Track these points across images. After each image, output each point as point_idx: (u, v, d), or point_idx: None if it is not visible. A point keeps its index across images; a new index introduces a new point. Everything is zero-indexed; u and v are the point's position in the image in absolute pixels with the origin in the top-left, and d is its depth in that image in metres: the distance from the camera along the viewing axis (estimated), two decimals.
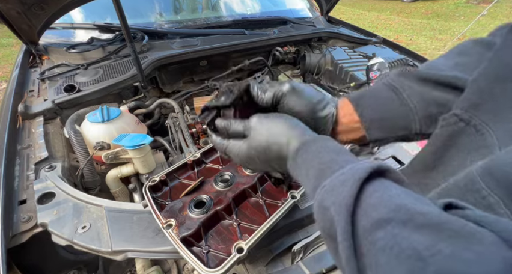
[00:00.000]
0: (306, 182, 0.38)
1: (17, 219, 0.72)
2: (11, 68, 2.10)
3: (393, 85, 0.46)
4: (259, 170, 0.49)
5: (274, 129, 0.44)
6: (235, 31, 1.70)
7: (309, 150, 0.39)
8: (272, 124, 0.45)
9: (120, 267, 1.03)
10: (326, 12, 2.11)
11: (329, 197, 0.31)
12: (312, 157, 0.38)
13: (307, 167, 0.38)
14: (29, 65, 1.42)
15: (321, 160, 0.37)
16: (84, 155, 0.91)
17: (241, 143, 0.47)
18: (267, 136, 0.44)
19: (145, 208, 0.71)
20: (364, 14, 8.17)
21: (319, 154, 0.38)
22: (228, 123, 0.48)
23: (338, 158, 0.36)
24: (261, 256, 0.71)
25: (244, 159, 0.47)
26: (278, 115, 0.47)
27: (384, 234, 0.24)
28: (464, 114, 0.35)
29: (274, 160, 0.45)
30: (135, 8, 1.69)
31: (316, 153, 0.38)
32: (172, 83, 1.59)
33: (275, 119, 0.45)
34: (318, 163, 0.37)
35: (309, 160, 0.38)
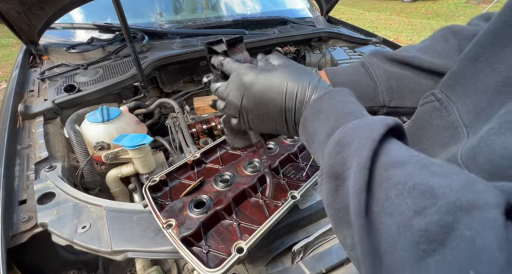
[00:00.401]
0: (324, 125, 0.36)
1: (17, 219, 0.72)
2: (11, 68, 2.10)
3: (363, 62, 0.54)
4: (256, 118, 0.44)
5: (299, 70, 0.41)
6: (235, 31, 1.70)
7: (336, 98, 0.38)
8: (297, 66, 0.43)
9: (120, 267, 1.03)
10: (326, 12, 2.10)
11: (354, 133, 0.31)
12: (338, 103, 0.37)
13: (329, 110, 0.37)
14: (29, 65, 1.42)
15: (348, 107, 0.36)
16: (84, 155, 0.91)
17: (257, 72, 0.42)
18: (289, 73, 0.41)
19: (145, 208, 0.71)
20: (364, 14, 8.17)
21: (345, 102, 0.37)
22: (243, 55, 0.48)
23: (363, 111, 0.36)
24: (261, 256, 0.71)
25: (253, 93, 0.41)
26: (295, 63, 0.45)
27: (400, 171, 0.25)
28: (440, 94, 0.37)
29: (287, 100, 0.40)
30: (135, 8, 1.69)
31: (342, 102, 0.37)
32: (172, 83, 1.59)
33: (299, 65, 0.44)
34: (342, 108, 0.36)
35: (334, 104, 0.37)
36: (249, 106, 0.43)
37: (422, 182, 0.23)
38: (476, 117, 0.31)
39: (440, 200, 0.21)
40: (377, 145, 0.28)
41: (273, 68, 0.42)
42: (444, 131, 0.34)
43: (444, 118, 0.35)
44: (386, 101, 0.50)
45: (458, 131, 0.32)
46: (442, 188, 0.21)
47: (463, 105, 0.33)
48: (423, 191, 0.22)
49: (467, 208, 0.19)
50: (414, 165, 0.25)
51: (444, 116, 0.35)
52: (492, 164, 0.26)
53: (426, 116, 0.38)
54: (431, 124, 0.37)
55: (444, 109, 0.35)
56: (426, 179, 0.23)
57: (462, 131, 0.32)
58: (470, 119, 0.32)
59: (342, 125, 0.33)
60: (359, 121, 0.32)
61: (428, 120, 0.37)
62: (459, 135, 0.32)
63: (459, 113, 0.33)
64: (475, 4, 7.76)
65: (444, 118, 0.35)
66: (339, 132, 0.33)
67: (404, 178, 0.24)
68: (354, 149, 0.29)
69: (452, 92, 0.36)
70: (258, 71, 0.42)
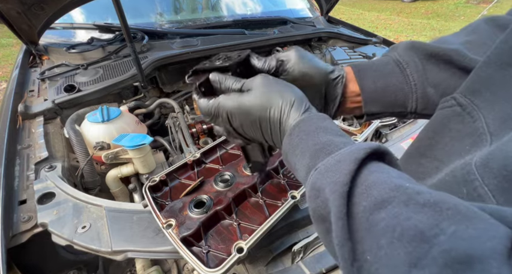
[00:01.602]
0: (300, 162, 0.36)
1: (17, 219, 0.72)
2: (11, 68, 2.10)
3: (399, 60, 0.45)
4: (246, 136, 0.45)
5: (281, 94, 0.40)
6: (235, 31, 1.70)
7: (306, 129, 0.37)
8: (279, 87, 0.40)
9: (120, 267, 1.03)
10: (326, 12, 2.10)
11: (323, 177, 0.30)
12: (308, 137, 0.36)
13: (302, 146, 0.36)
14: (29, 65, 1.42)
15: (318, 140, 0.35)
16: (84, 155, 0.91)
17: (237, 96, 0.41)
18: (271, 98, 0.39)
19: (145, 208, 0.71)
20: (364, 14, 8.17)
21: (316, 133, 0.36)
22: (225, 77, 0.43)
23: (335, 140, 0.34)
24: (261, 256, 0.71)
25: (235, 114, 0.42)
26: (286, 83, 0.42)
27: (385, 214, 0.23)
28: (463, 99, 0.34)
29: (269, 127, 0.41)
30: (135, 8, 1.69)
31: (313, 132, 0.36)
32: (172, 83, 1.59)
33: (283, 85, 0.41)
34: (313, 143, 0.35)
35: (304, 139, 0.36)
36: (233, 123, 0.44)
37: (411, 226, 0.21)
38: (503, 124, 0.29)
39: (433, 247, 0.20)
40: (349, 186, 0.27)
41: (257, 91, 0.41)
42: (467, 138, 0.32)
43: (468, 124, 0.32)
44: (419, 109, 0.45)
45: (482, 138, 0.30)
46: (433, 230, 0.20)
47: (491, 112, 0.31)
48: (414, 237, 0.21)
49: (465, 260, 0.18)
50: (398, 201, 0.23)
51: (468, 122, 0.32)
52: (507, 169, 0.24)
53: (445, 121, 0.35)
54: (449, 130, 0.34)
55: (467, 115, 0.33)
56: (414, 220, 0.21)
57: (486, 138, 0.30)
58: (496, 126, 0.30)
59: (314, 165, 0.32)
60: (328, 160, 0.31)
61: (447, 125, 0.35)
62: (482, 143, 0.30)
63: (485, 120, 0.31)
64: (475, 4, 7.76)
65: (467, 124, 0.32)
66: (311, 175, 0.32)
67: (392, 223, 0.22)
68: (328, 195, 0.28)
69: (477, 98, 0.33)
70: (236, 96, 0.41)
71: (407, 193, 0.23)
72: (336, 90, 0.47)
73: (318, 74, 0.46)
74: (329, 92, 0.47)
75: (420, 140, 0.39)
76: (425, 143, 0.37)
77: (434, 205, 0.22)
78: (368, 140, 0.97)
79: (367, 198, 0.25)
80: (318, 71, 0.46)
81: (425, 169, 0.36)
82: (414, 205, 0.22)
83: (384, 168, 0.28)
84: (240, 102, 0.41)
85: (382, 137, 1.11)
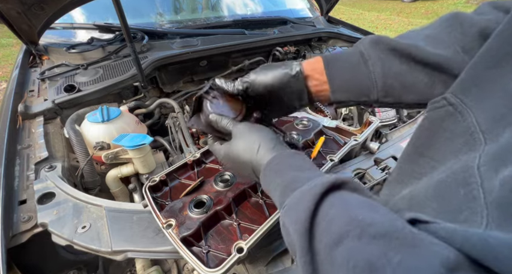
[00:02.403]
0: (275, 199, 0.41)
1: (17, 219, 0.72)
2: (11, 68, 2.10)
3: (363, 53, 0.49)
4: None
5: (251, 144, 0.47)
6: (235, 31, 1.70)
7: (274, 168, 0.42)
8: (251, 137, 0.48)
9: (120, 267, 1.03)
10: (325, 12, 2.10)
11: (287, 216, 0.33)
12: (276, 175, 0.41)
13: (274, 185, 0.41)
14: (29, 65, 1.42)
15: (284, 177, 0.39)
16: (84, 155, 0.91)
17: (223, 147, 0.52)
18: (244, 149, 0.48)
19: (145, 208, 0.71)
20: (364, 14, 8.17)
21: (283, 171, 0.41)
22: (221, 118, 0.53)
23: (300, 176, 0.38)
24: (261, 256, 0.71)
25: (224, 160, 0.53)
26: (259, 128, 0.50)
27: (342, 249, 0.25)
28: (454, 98, 0.34)
29: (250, 171, 0.49)
30: (135, 8, 1.69)
31: (280, 171, 0.41)
32: (172, 83, 1.59)
33: (255, 133, 0.49)
34: (281, 180, 0.39)
35: (273, 177, 0.42)
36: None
37: (363, 258, 0.23)
38: (495, 123, 0.29)
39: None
40: (309, 226, 0.29)
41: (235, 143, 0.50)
42: (459, 138, 0.32)
43: (459, 124, 0.33)
44: (381, 97, 0.49)
45: (475, 137, 0.30)
46: (381, 260, 0.22)
47: (480, 110, 0.31)
48: (365, 269, 0.23)
49: None
50: (352, 236, 0.25)
51: (459, 121, 0.33)
52: None
53: (438, 122, 0.36)
54: (444, 130, 0.35)
55: (458, 114, 0.33)
56: (365, 252, 0.23)
57: (478, 137, 0.30)
58: (488, 125, 0.30)
59: (283, 203, 0.36)
60: (291, 198, 0.34)
61: (441, 126, 0.35)
62: (475, 142, 0.30)
63: (476, 119, 0.31)
64: (475, 4, 7.75)
65: (459, 124, 0.33)
66: (281, 214, 0.36)
67: (347, 257, 0.25)
68: (292, 234, 0.31)
69: (467, 96, 0.33)
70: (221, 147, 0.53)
71: (360, 226, 0.26)
72: (299, 84, 0.52)
73: (279, 80, 0.52)
74: (297, 88, 0.52)
75: (418, 139, 0.39)
76: (422, 143, 0.38)
77: (384, 236, 0.24)
78: (368, 140, 0.97)
79: (327, 235, 0.28)
80: (278, 79, 0.52)
81: (422, 169, 0.36)
82: (366, 238, 0.24)
83: (344, 199, 0.31)
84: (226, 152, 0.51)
85: (382, 137, 1.11)
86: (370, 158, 0.93)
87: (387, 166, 0.91)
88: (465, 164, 0.28)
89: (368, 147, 0.96)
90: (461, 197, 0.27)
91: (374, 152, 0.95)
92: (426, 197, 0.31)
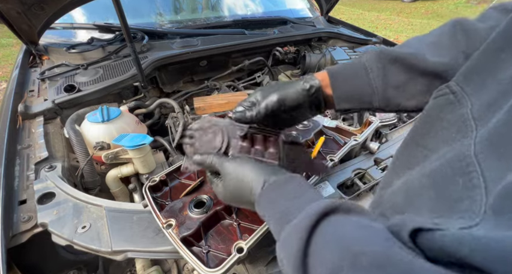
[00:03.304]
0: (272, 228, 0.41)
1: (17, 219, 0.72)
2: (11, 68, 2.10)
3: (365, 65, 0.50)
4: None
5: (242, 183, 0.47)
6: (235, 31, 1.70)
7: (267, 199, 0.42)
8: (240, 174, 0.48)
9: (120, 267, 1.03)
10: (325, 12, 2.11)
11: (281, 250, 0.34)
12: (269, 206, 0.41)
13: (267, 217, 0.41)
14: (29, 65, 1.42)
15: (276, 209, 0.39)
16: (84, 155, 0.91)
17: (218, 182, 0.52)
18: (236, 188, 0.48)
19: (145, 208, 0.71)
20: (364, 14, 8.17)
21: (275, 202, 0.41)
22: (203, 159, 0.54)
23: (292, 206, 0.38)
24: (261, 256, 0.71)
25: (221, 197, 0.53)
26: (246, 161, 0.50)
27: None
28: (455, 87, 0.35)
29: (246, 204, 0.48)
30: (135, 8, 1.69)
31: (272, 202, 0.41)
32: (172, 83, 1.59)
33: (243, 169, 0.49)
34: (273, 212, 0.39)
35: (267, 208, 0.41)
36: None
37: None
38: (487, 109, 0.30)
39: None
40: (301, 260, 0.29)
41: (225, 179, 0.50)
42: (454, 126, 0.32)
43: (456, 112, 0.33)
44: (382, 106, 0.51)
45: (467, 124, 0.31)
46: None
47: (478, 98, 0.32)
48: None
49: None
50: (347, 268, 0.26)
51: (457, 109, 0.33)
52: None
53: (437, 111, 0.36)
54: (441, 119, 0.35)
55: (457, 102, 0.33)
56: None
57: (470, 124, 0.30)
58: (480, 112, 0.30)
59: (279, 236, 0.36)
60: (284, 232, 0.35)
61: (439, 115, 0.35)
62: (467, 128, 0.30)
63: (471, 106, 0.32)
64: (475, 4, 7.75)
65: (455, 112, 0.33)
66: (276, 247, 0.36)
67: None
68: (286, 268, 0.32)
69: (468, 85, 0.34)
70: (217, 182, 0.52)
71: (354, 258, 0.26)
72: (318, 98, 0.53)
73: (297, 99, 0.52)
74: (312, 104, 0.54)
75: (415, 130, 0.40)
76: (419, 133, 0.39)
77: (377, 267, 0.24)
78: (368, 140, 0.97)
79: (321, 269, 0.28)
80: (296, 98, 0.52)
81: (414, 159, 0.37)
82: (360, 269, 0.25)
83: (337, 226, 0.31)
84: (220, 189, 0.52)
85: (382, 137, 1.11)
86: (370, 158, 0.93)
87: (387, 166, 0.91)
88: (460, 153, 0.29)
89: (368, 147, 0.96)
90: (459, 187, 0.27)
91: (374, 152, 0.95)
92: (421, 186, 0.31)
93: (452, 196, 0.27)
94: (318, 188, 0.80)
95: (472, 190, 0.25)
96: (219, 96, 1.37)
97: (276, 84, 0.55)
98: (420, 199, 0.31)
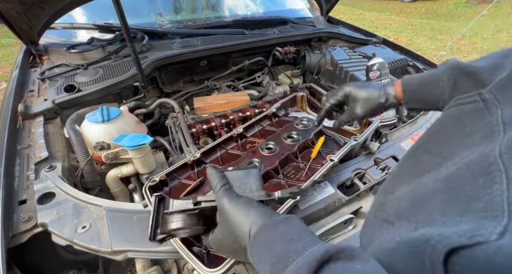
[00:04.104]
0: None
1: (17, 219, 0.72)
2: (11, 68, 2.10)
3: (439, 75, 0.55)
4: None
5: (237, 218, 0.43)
6: (235, 31, 1.70)
7: (262, 241, 0.39)
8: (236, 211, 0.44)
9: (120, 267, 1.03)
10: (325, 12, 2.11)
11: None
12: (265, 250, 0.38)
13: (263, 263, 0.37)
14: (29, 65, 1.42)
15: (273, 253, 0.36)
16: (84, 155, 0.91)
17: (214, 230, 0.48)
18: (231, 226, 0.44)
19: (145, 208, 0.71)
20: (364, 14, 8.17)
21: (271, 245, 0.37)
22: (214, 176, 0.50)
23: (289, 249, 0.35)
24: None
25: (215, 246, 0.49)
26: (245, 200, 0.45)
27: None
28: (488, 94, 0.34)
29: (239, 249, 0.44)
30: (135, 8, 1.69)
31: (268, 245, 0.38)
32: (172, 83, 1.59)
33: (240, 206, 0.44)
34: (270, 257, 0.36)
35: (262, 253, 0.38)
36: None
37: None
38: None
39: None
40: None
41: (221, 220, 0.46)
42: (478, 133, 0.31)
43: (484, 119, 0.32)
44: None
45: (494, 130, 0.30)
46: None
47: (509, 105, 0.31)
48: None
49: None
50: None
51: (485, 117, 0.32)
52: None
53: (462, 116, 0.35)
54: (464, 125, 0.34)
55: (486, 110, 0.32)
56: None
57: (498, 129, 0.29)
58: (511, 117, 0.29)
59: None
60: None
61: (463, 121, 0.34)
62: (493, 134, 0.29)
63: (502, 113, 0.31)
64: (475, 4, 7.75)
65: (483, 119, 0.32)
66: None
67: None
68: None
69: (501, 93, 0.33)
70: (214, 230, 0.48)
71: None
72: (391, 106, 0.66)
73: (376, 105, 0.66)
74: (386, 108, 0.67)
75: (426, 138, 0.39)
76: (431, 140, 0.38)
77: None
78: (368, 140, 0.97)
79: None
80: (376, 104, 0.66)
81: (424, 166, 0.36)
82: None
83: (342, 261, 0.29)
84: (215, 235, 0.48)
85: (382, 137, 1.11)
86: (370, 158, 0.93)
87: (387, 166, 0.91)
88: (483, 154, 0.27)
89: (368, 147, 0.96)
90: (478, 185, 0.25)
91: (374, 152, 0.95)
92: (434, 191, 0.30)
93: (468, 195, 0.25)
94: (318, 188, 0.80)
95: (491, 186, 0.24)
96: (219, 96, 1.37)
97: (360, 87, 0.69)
98: (431, 203, 0.29)
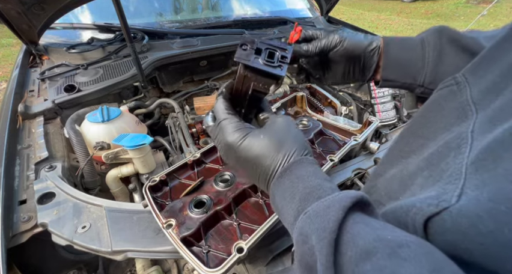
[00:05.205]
0: (289, 206, 0.37)
1: (17, 219, 0.72)
2: (11, 68, 2.10)
3: (423, 39, 0.52)
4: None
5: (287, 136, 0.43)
6: (235, 31, 1.70)
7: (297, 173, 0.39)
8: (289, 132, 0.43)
9: (120, 267, 1.03)
10: (325, 12, 2.10)
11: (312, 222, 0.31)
12: (299, 180, 0.38)
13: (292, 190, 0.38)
14: (29, 65, 1.42)
15: (308, 184, 0.37)
16: (84, 155, 0.91)
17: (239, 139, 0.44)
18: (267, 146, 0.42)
19: (145, 208, 0.71)
20: (364, 14, 8.17)
21: (307, 177, 0.38)
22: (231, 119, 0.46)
23: (324, 184, 0.36)
24: (261, 256, 0.71)
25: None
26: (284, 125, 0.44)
27: (371, 266, 0.24)
28: (461, 77, 0.35)
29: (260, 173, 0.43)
30: (135, 8, 1.69)
31: (303, 176, 0.38)
32: (172, 83, 1.59)
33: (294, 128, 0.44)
34: (303, 186, 0.37)
35: (295, 182, 0.38)
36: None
37: None
38: (488, 92, 0.30)
39: None
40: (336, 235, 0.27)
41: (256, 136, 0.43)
42: (453, 113, 0.32)
43: (456, 100, 0.33)
44: (426, 83, 0.51)
45: (466, 109, 0.31)
46: None
47: (477, 85, 0.32)
48: None
49: None
50: (382, 253, 0.24)
51: (457, 98, 0.33)
52: None
53: (440, 100, 0.36)
54: (443, 108, 0.35)
55: (459, 92, 0.34)
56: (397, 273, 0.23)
57: (470, 108, 0.31)
58: (480, 96, 0.31)
59: (304, 209, 0.34)
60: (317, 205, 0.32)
61: (442, 104, 0.36)
62: (466, 113, 0.31)
63: (471, 93, 0.32)
64: (475, 4, 7.75)
65: (456, 100, 0.33)
66: (300, 220, 0.33)
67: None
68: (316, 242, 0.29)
69: (472, 74, 0.34)
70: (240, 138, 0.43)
71: (390, 247, 0.24)
72: (372, 59, 0.56)
73: (358, 48, 0.55)
74: (367, 61, 0.56)
75: (413, 122, 0.40)
76: (417, 123, 0.39)
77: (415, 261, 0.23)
78: (368, 140, 0.97)
79: (353, 248, 0.26)
80: (358, 46, 0.55)
81: (409, 148, 0.37)
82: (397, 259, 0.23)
83: (367, 219, 0.29)
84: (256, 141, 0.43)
85: (382, 137, 1.11)
86: (370, 158, 0.93)
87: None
88: (458, 133, 0.29)
89: (368, 147, 0.96)
90: (450, 159, 0.27)
91: (374, 152, 0.95)
92: (417, 169, 0.31)
93: (443, 169, 0.27)
94: None
95: (458, 157, 0.26)
96: None
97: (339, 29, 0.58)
98: (415, 182, 0.31)
